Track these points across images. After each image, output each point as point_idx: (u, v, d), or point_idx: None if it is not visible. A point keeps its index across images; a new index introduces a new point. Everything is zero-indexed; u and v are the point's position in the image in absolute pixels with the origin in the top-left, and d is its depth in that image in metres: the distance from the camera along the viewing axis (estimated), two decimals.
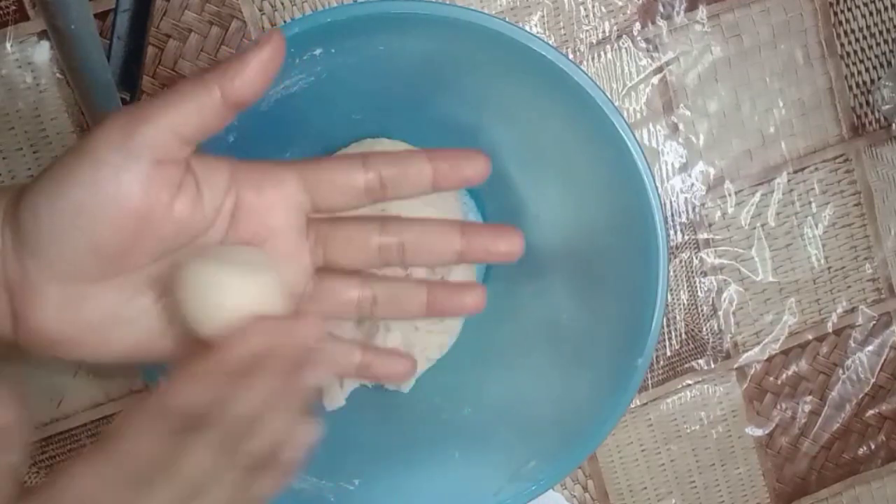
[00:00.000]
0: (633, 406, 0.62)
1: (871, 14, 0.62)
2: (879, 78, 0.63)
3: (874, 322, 0.64)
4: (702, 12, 0.61)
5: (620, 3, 0.60)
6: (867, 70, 0.63)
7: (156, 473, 0.28)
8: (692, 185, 0.62)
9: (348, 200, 0.35)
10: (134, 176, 0.30)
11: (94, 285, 0.32)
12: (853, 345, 0.64)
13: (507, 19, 0.52)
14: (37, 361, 0.54)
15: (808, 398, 0.64)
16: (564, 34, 0.60)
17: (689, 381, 0.63)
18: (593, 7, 0.60)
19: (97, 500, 0.28)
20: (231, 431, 0.30)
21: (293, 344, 0.32)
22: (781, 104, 0.62)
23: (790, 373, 0.64)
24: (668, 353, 0.62)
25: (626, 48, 0.60)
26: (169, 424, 0.30)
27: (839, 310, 0.64)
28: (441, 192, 0.54)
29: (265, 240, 0.34)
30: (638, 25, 0.60)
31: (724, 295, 0.63)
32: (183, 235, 0.33)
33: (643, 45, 0.60)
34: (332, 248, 0.35)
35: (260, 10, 0.57)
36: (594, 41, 0.60)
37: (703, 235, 0.62)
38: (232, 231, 0.34)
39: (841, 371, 0.64)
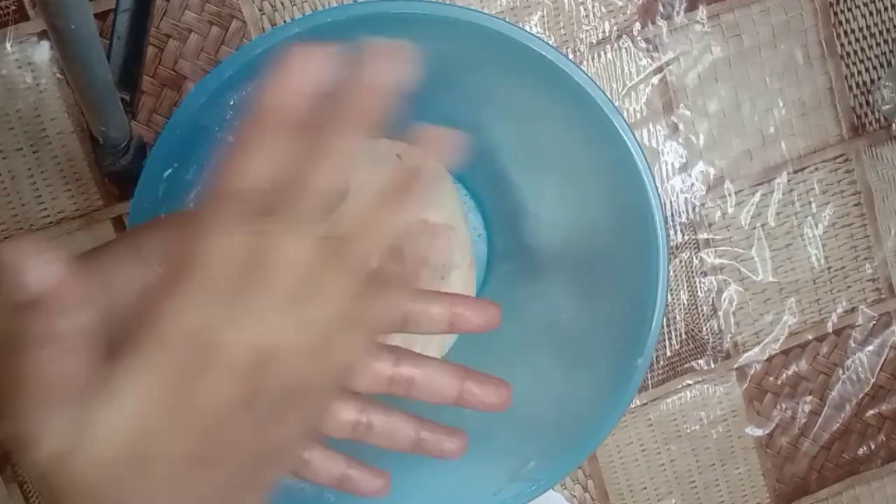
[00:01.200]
0: (633, 406, 0.62)
1: (871, 14, 0.62)
2: (879, 78, 0.63)
3: (874, 322, 0.64)
4: (702, 12, 0.61)
5: (620, 3, 0.60)
6: (867, 70, 0.63)
7: (249, 277, 0.25)
8: (692, 185, 0.62)
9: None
10: None
11: None
12: (853, 345, 0.64)
13: (507, 19, 0.52)
14: None
15: (808, 398, 0.64)
16: (564, 34, 0.60)
17: (689, 381, 0.63)
18: (593, 7, 0.60)
19: (201, 326, 0.25)
20: (320, 212, 0.26)
21: (365, 80, 0.27)
22: (781, 104, 0.62)
23: (790, 373, 0.64)
24: (668, 353, 0.62)
25: (626, 48, 0.60)
26: (241, 215, 0.25)
27: (839, 310, 0.64)
28: (441, 190, 0.55)
29: None
30: (638, 25, 0.60)
31: (724, 295, 0.63)
32: None
33: (643, 45, 0.60)
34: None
35: (260, 10, 0.57)
36: (594, 41, 0.60)
37: (703, 235, 0.62)
38: None
39: (841, 371, 0.64)
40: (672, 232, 0.62)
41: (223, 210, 0.26)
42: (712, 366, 0.63)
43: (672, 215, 0.62)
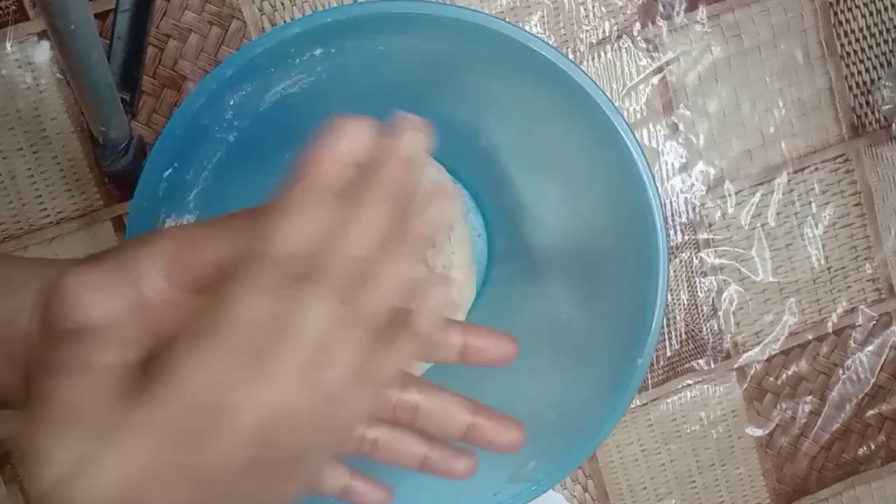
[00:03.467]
0: (633, 406, 0.62)
1: (871, 14, 0.62)
2: (879, 78, 0.63)
3: (874, 322, 0.64)
4: (702, 12, 0.61)
5: (620, 3, 0.60)
6: (867, 70, 0.63)
7: (273, 340, 0.26)
8: (692, 185, 0.62)
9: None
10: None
11: None
12: (853, 345, 0.64)
13: (507, 19, 0.52)
14: None
15: (808, 398, 0.64)
16: (564, 34, 0.60)
17: (689, 381, 0.63)
18: (593, 7, 0.60)
19: (217, 385, 0.25)
20: (347, 277, 0.27)
21: (396, 152, 0.28)
22: (781, 104, 0.62)
23: (790, 373, 0.64)
24: (668, 353, 0.62)
25: (626, 48, 0.60)
26: (276, 278, 0.26)
27: (839, 310, 0.64)
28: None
29: None
30: (638, 25, 0.60)
31: (724, 295, 0.63)
32: None
33: (643, 45, 0.60)
34: None
35: (260, 10, 0.57)
36: (594, 41, 0.60)
37: (703, 235, 0.62)
38: None
39: (841, 371, 0.64)
40: (672, 232, 0.62)
41: (261, 272, 0.26)
42: (712, 366, 0.63)
43: (672, 215, 0.62)
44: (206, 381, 0.25)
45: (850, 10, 0.62)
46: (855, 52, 0.62)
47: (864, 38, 0.63)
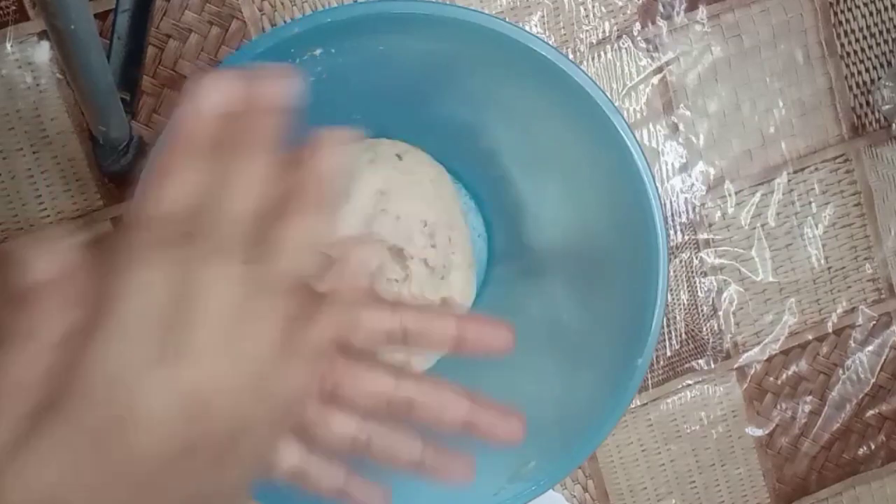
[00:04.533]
0: (633, 406, 0.62)
1: (871, 14, 0.62)
2: (879, 78, 0.63)
3: (874, 322, 0.64)
4: (702, 12, 0.61)
5: (620, 3, 0.60)
6: (867, 70, 0.63)
7: (176, 312, 0.23)
8: (692, 185, 0.62)
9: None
10: None
11: None
12: (853, 345, 0.64)
13: (507, 19, 0.52)
14: None
15: (808, 398, 0.64)
16: (564, 34, 0.60)
17: (689, 381, 0.63)
18: (593, 7, 0.60)
19: (125, 374, 0.23)
20: (241, 237, 0.25)
21: (263, 101, 0.27)
22: (781, 104, 0.62)
23: (790, 373, 0.64)
24: (668, 353, 0.62)
25: (626, 48, 0.60)
26: (158, 243, 0.24)
27: (839, 310, 0.64)
28: (441, 190, 0.54)
29: None
30: (638, 25, 0.60)
31: (724, 295, 0.63)
32: None
33: (643, 45, 0.60)
34: (344, 385, 0.33)
35: (260, 11, 0.57)
36: (594, 41, 0.60)
37: (703, 235, 0.62)
38: None
39: (841, 371, 0.64)
40: (672, 232, 0.62)
41: (139, 239, 0.24)
42: (712, 366, 0.63)
43: (672, 215, 0.62)
44: (114, 369, 0.23)
45: (850, 10, 0.62)
46: (855, 52, 0.62)
47: (864, 38, 0.63)
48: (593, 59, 0.60)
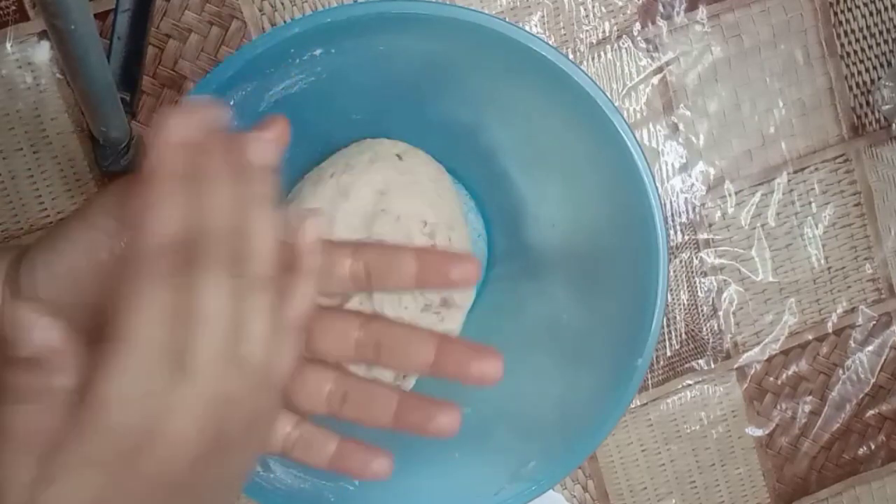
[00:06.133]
0: (633, 406, 0.62)
1: (871, 14, 0.62)
2: (879, 78, 0.63)
3: (874, 322, 0.64)
4: (702, 12, 0.61)
5: (620, 3, 0.60)
6: (867, 70, 0.63)
7: (184, 333, 0.26)
8: (692, 185, 0.62)
9: (333, 285, 0.34)
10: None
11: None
12: (853, 345, 0.64)
13: (507, 19, 0.52)
14: None
15: (808, 398, 0.64)
16: (564, 34, 0.60)
17: (689, 381, 0.63)
18: (593, 7, 0.60)
19: (143, 397, 0.26)
20: (226, 250, 0.28)
21: (211, 131, 0.29)
22: (781, 104, 0.62)
23: (790, 373, 0.64)
24: (668, 353, 0.62)
25: (626, 48, 0.60)
26: (164, 270, 0.27)
27: (839, 310, 0.64)
28: (441, 190, 0.54)
29: None
30: (638, 25, 0.60)
31: (724, 295, 0.63)
32: None
33: (643, 45, 0.60)
34: (312, 336, 0.34)
35: (260, 10, 0.57)
36: (594, 41, 0.60)
37: (703, 235, 0.62)
38: None
39: (841, 371, 0.64)
40: (672, 232, 0.62)
41: (143, 272, 0.27)
42: (712, 366, 0.63)
43: (672, 215, 0.62)
44: (130, 397, 0.26)
45: (850, 10, 0.62)
46: (855, 52, 0.62)
47: (864, 38, 0.63)
48: (593, 59, 0.60)
